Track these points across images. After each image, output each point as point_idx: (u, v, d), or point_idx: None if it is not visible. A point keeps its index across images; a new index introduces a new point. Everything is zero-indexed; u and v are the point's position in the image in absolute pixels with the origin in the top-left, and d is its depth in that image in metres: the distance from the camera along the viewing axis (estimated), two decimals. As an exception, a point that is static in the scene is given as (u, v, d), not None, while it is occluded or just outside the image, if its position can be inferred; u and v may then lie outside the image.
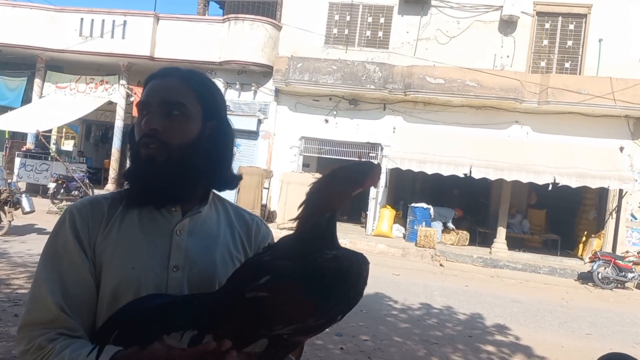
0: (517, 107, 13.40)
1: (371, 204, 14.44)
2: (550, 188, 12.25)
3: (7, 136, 17.84)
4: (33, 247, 8.51)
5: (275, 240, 1.20)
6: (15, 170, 15.31)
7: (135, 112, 15.77)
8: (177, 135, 1.11)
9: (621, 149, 13.17)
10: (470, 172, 12.41)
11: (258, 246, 1.24)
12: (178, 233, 1.14)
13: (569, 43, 13.93)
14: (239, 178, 1.23)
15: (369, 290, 5.23)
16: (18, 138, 17.35)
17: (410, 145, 13.40)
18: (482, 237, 14.11)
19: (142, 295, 1.02)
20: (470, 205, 15.33)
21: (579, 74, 13.64)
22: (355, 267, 1.00)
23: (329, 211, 1.01)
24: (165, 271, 1.11)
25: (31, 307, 1.06)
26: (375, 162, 1.06)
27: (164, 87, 1.13)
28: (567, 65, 13.94)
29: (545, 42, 14.09)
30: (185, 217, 1.16)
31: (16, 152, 15.84)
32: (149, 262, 1.10)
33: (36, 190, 15.30)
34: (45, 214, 12.53)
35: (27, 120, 15.09)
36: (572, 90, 12.60)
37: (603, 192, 13.61)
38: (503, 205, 13.56)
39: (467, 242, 13.66)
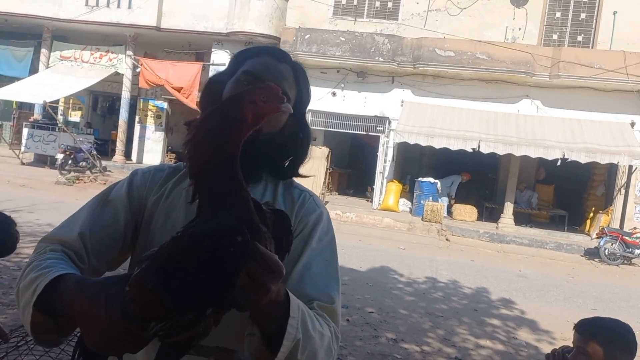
0: (527, 81, 13.22)
1: (378, 178, 14.41)
2: (559, 163, 12.15)
3: (14, 107, 17.83)
4: (41, 217, 8.58)
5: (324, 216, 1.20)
6: (23, 141, 15.34)
7: (142, 84, 15.74)
8: (271, 124, 1.08)
9: (632, 124, 13.00)
10: (479, 146, 12.31)
11: (299, 222, 1.17)
12: None
13: (582, 15, 13.64)
14: (298, 175, 1.23)
15: (374, 263, 5.25)
16: (25, 109, 17.34)
17: (418, 119, 13.28)
18: (489, 212, 14.08)
19: None
20: (478, 180, 15.28)
21: (592, 48, 13.40)
22: (211, 243, 0.77)
23: (208, 165, 0.82)
24: None
25: (59, 227, 1.11)
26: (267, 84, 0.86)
27: (281, 73, 1.14)
28: (579, 38, 13.68)
29: (558, 14, 13.81)
30: None
31: (24, 123, 15.84)
32: None
33: (44, 161, 15.36)
34: (53, 185, 12.60)
35: (34, 90, 15.06)
36: (584, 64, 12.38)
37: (612, 168, 13.50)
38: (511, 181, 13.49)
39: (475, 218, 13.63)
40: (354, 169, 18.02)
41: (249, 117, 0.83)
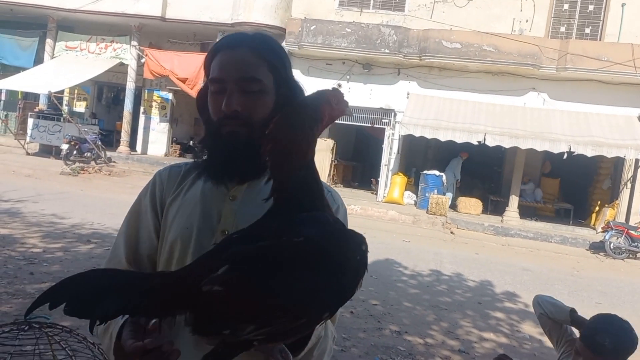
0: (534, 74, 13.12)
1: (383, 171, 14.37)
2: (565, 157, 12.08)
3: (19, 97, 17.86)
4: (46, 207, 8.60)
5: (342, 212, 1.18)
6: (28, 131, 15.37)
7: (146, 74, 15.69)
8: (258, 112, 1.09)
9: (639, 117, 12.91)
10: (485, 139, 12.24)
11: None
12: (232, 198, 1.14)
13: (590, 7, 13.51)
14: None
15: (378, 256, 5.22)
16: (31, 99, 17.35)
17: (424, 112, 13.22)
18: (494, 206, 14.04)
19: (189, 257, 1.10)
20: (483, 173, 15.22)
21: (600, 40, 13.27)
22: (340, 249, 0.79)
23: (299, 166, 0.83)
24: (213, 234, 1.12)
25: (110, 257, 1.23)
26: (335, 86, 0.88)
27: (238, 62, 1.11)
28: (587, 30, 13.55)
29: (566, 6, 13.68)
30: (242, 183, 1.16)
31: (29, 113, 15.86)
32: (201, 225, 1.13)
33: (49, 151, 15.39)
34: (58, 175, 12.64)
35: (39, 80, 15.06)
36: (592, 56, 12.28)
37: (619, 162, 13.41)
38: (516, 174, 13.44)
39: (480, 211, 13.59)
40: (359, 161, 17.98)
41: (326, 119, 0.86)
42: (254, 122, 1.09)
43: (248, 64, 1.10)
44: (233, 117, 1.09)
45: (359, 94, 14.27)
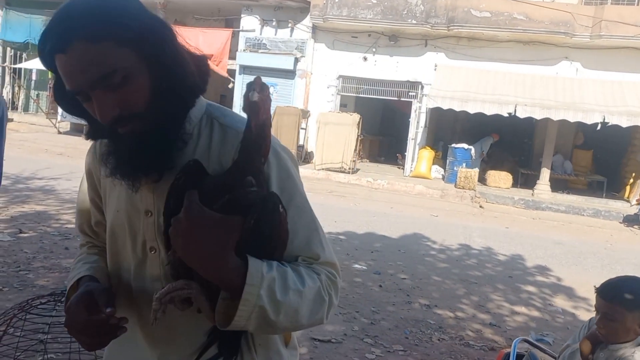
0: (567, 42, 12.70)
1: (410, 145, 14.22)
2: (598, 128, 11.75)
3: (50, 76, 18.12)
4: (78, 184, 8.77)
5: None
6: (59, 110, 15.63)
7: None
8: (138, 99, 0.94)
9: (678, 86, 12.43)
10: (515, 111, 11.97)
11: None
12: (146, 176, 1.01)
13: (628, -29, 12.95)
14: (205, 75, 1.04)
15: (406, 230, 5.20)
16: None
17: (452, 84, 12.97)
18: (524, 179, 13.79)
19: (127, 239, 1.10)
20: (513, 146, 14.93)
21: (637, 5, 12.74)
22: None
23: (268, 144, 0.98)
24: (139, 215, 1.07)
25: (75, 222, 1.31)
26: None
27: (80, 65, 0.90)
28: (624, -5, 13.02)
29: (602, -30, 13.14)
30: (159, 179, 1.05)
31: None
32: (127, 206, 1.08)
33: (80, 129, 15.64)
34: (89, 153, 12.85)
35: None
36: (628, 22, 11.80)
37: (655, 132, 13.00)
38: (548, 146, 13.13)
39: (510, 185, 13.36)
40: (385, 135, 17.81)
41: (261, 113, 0.92)
42: (140, 112, 0.95)
43: (91, 60, 0.89)
44: (117, 119, 0.94)
45: (385, 67, 14.06)
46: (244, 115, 0.95)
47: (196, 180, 0.96)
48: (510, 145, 14.92)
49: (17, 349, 2.19)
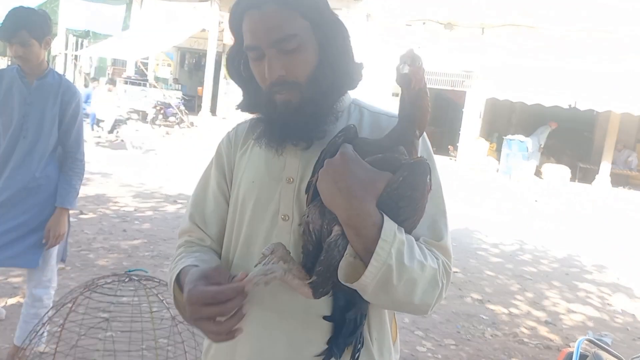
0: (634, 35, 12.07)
1: (463, 136, 13.91)
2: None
3: (108, 63, 18.76)
4: (135, 168, 9.07)
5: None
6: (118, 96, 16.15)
7: (227, 40, 15.89)
8: (304, 69, 1.06)
9: None
10: (575, 103, 11.49)
11: None
12: (295, 144, 1.10)
13: None
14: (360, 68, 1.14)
15: (458, 224, 5.07)
16: (119, 65, 18.17)
17: (509, 74, 12.56)
18: (583, 173, 13.27)
19: (257, 208, 1.11)
20: (572, 139, 14.38)
21: None
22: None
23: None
24: (278, 183, 1.10)
25: (183, 218, 1.25)
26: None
27: (268, 22, 1.03)
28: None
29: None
30: (307, 148, 1.12)
31: (117, 79, 16.65)
32: (266, 176, 1.12)
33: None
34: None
35: (126, 47, 15.68)
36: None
37: None
38: (609, 140, 12.57)
39: (567, 179, 12.88)
40: (437, 126, 17.49)
41: (413, 82, 0.96)
42: (302, 82, 1.05)
43: (279, 21, 1.03)
44: (281, 82, 1.05)
45: (440, 56, 13.76)
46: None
47: (351, 141, 1.00)
48: (568, 139, 14.37)
49: (81, 325, 2.28)
